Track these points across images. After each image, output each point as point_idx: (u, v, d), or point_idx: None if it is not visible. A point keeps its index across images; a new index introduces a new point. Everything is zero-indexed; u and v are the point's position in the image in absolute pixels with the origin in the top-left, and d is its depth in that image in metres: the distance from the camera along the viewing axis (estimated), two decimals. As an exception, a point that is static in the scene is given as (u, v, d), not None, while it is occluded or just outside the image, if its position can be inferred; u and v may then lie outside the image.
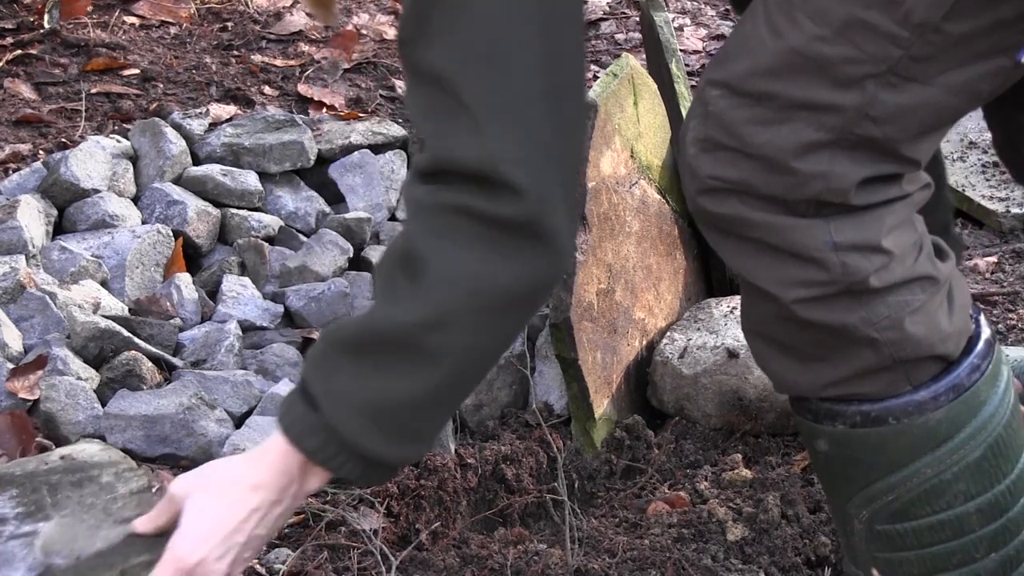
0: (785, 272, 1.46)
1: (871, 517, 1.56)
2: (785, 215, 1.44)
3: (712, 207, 1.47)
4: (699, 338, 2.36)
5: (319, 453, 1.44)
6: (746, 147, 1.44)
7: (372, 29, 3.61)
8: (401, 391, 1.41)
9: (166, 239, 2.65)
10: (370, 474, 1.47)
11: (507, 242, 1.36)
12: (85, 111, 3.08)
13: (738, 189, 1.45)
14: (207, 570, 1.48)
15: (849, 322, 1.47)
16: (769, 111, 1.42)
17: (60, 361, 2.26)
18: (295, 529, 2.07)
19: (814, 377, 1.52)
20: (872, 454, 1.54)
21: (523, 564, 1.96)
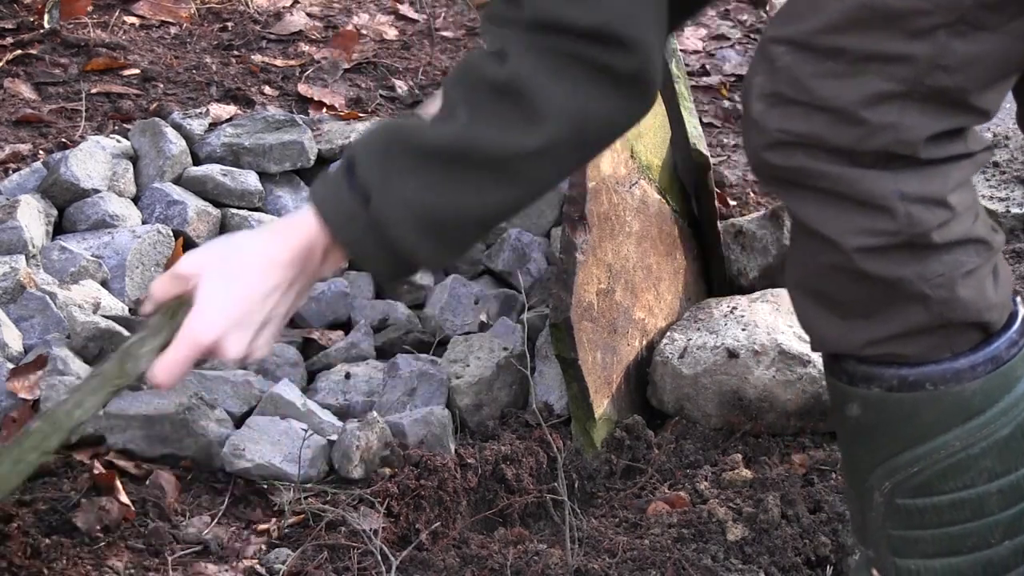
0: (851, 220, 1.47)
1: (893, 490, 1.57)
2: (852, 167, 1.46)
3: (778, 160, 1.48)
4: (699, 338, 2.36)
5: (356, 245, 1.46)
6: (816, 100, 1.45)
7: (372, 29, 3.61)
8: (474, 207, 1.46)
9: (166, 239, 2.65)
10: (395, 270, 1.50)
11: (616, 88, 1.44)
12: (85, 111, 3.08)
13: (806, 142, 1.46)
14: (225, 348, 1.48)
15: (904, 275, 1.48)
16: (840, 65, 1.44)
17: (60, 361, 2.26)
18: (295, 529, 2.07)
19: (857, 334, 1.53)
20: (903, 422, 1.54)
21: (523, 564, 1.96)
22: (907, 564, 1.60)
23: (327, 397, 2.36)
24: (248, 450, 2.16)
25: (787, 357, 2.28)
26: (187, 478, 2.17)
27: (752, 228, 2.64)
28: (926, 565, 1.59)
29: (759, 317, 2.36)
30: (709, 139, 3.19)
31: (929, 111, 1.44)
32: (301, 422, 2.22)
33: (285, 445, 2.17)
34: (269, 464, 2.15)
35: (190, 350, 1.48)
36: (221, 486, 2.15)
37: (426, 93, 3.31)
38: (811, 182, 1.48)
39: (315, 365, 2.47)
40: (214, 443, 2.19)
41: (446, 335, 2.52)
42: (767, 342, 2.30)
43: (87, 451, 2.19)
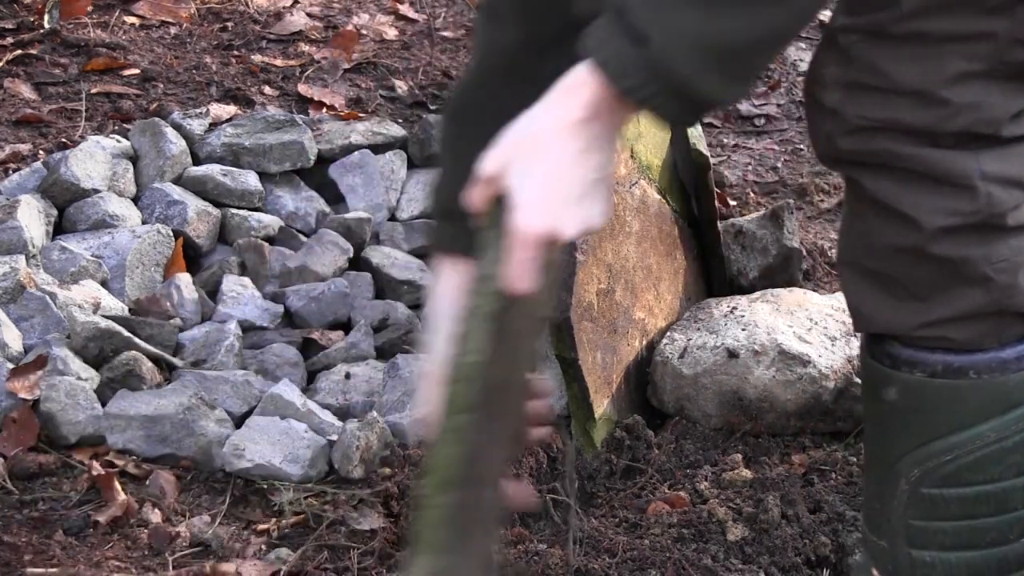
0: (931, 199, 1.47)
1: (921, 478, 1.56)
2: (934, 147, 1.45)
3: (857, 146, 1.48)
4: (699, 338, 2.36)
5: (638, 92, 1.38)
6: (896, 85, 1.44)
7: (372, 29, 3.61)
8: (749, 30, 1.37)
9: (166, 239, 2.65)
10: (686, 114, 1.43)
11: None
12: (85, 111, 3.08)
13: (887, 127, 1.46)
14: (561, 230, 1.39)
15: (971, 256, 1.47)
16: (919, 48, 1.43)
17: (60, 361, 2.26)
18: (295, 529, 2.07)
19: (910, 316, 1.52)
20: (942, 409, 1.54)
21: (523, 564, 1.96)
22: (923, 556, 1.60)
23: (327, 397, 2.36)
24: (248, 450, 2.16)
25: (787, 357, 2.28)
26: (187, 478, 2.17)
27: (752, 228, 2.64)
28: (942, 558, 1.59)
29: (759, 317, 2.36)
30: (709, 139, 3.19)
31: (1011, 89, 1.44)
32: (301, 422, 2.22)
33: (285, 445, 2.17)
34: (269, 464, 2.15)
35: (527, 249, 1.39)
36: (221, 486, 2.15)
37: (426, 93, 3.31)
38: (892, 162, 1.47)
39: (315, 365, 2.47)
40: (214, 443, 2.19)
41: (446, 335, 2.52)
42: (767, 342, 2.30)
43: (87, 451, 2.19)
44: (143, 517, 2.06)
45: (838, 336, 2.35)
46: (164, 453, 2.20)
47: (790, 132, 3.39)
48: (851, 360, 2.31)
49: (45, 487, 2.12)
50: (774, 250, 2.60)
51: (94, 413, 2.21)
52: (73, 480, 2.13)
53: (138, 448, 2.19)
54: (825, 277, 2.79)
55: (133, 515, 2.06)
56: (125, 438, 2.20)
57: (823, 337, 2.33)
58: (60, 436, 2.19)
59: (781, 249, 2.60)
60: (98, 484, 2.10)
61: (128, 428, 2.20)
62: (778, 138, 3.35)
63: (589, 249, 2.24)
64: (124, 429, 2.20)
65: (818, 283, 2.75)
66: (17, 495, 2.10)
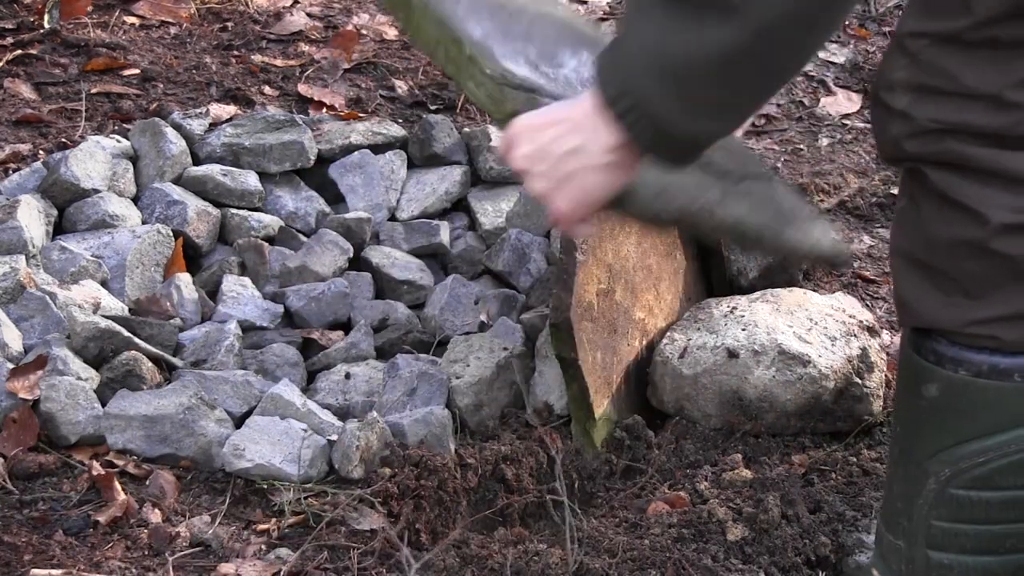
0: (999, 196, 1.47)
1: (950, 478, 1.56)
2: (1003, 149, 1.46)
3: (924, 148, 1.49)
4: (699, 338, 2.36)
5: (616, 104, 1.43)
6: (966, 89, 1.45)
7: (372, 29, 3.61)
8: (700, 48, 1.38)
9: (166, 239, 2.65)
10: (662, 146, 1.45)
11: None
12: (85, 111, 3.08)
13: (956, 129, 1.47)
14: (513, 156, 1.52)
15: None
16: (990, 53, 1.45)
17: (60, 361, 2.26)
18: (295, 529, 2.07)
19: (960, 313, 1.52)
20: (981, 410, 1.54)
21: (523, 564, 1.96)
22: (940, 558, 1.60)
23: (327, 397, 2.36)
24: (248, 450, 2.16)
25: (787, 357, 2.28)
26: (187, 478, 2.17)
27: (752, 228, 2.64)
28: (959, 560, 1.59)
29: (759, 317, 2.36)
30: (709, 139, 3.18)
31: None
32: (301, 422, 2.22)
33: (285, 445, 2.17)
34: (269, 464, 2.15)
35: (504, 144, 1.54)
36: (221, 486, 2.15)
37: (426, 93, 3.31)
38: (959, 162, 1.48)
39: (315, 365, 2.47)
40: (214, 443, 2.19)
41: (446, 335, 2.52)
42: (767, 342, 2.30)
43: (87, 451, 2.19)
44: (143, 517, 2.06)
45: (838, 336, 2.35)
46: (164, 453, 2.20)
47: (790, 132, 3.39)
48: (851, 360, 2.31)
49: (45, 487, 2.12)
50: (774, 250, 2.60)
51: (94, 413, 2.21)
52: (73, 480, 2.13)
53: (138, 448, 2.19)
54: (825, 277, 2.79)
55: (133, 515, 2.06)
56: (125, 438, 2.20)
57: (823, 337, 2.33)
58: (60, 436, 2.19)
59: (781, 249, 2.60)
60: (98, 484, 2.10)
61: (128, 428, 2.20)
62: (778, 138, 3.35)
63: (589, 249, 2.24)
64: (124, 429, 2.20)
65: (818, 283, 2.75)
66: (17, 495, 2.10)
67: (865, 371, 2.32)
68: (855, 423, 2.30)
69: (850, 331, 2.36)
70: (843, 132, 3.42)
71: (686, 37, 1.38)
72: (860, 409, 2.30)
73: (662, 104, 1.41)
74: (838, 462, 2.21)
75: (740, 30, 1.38)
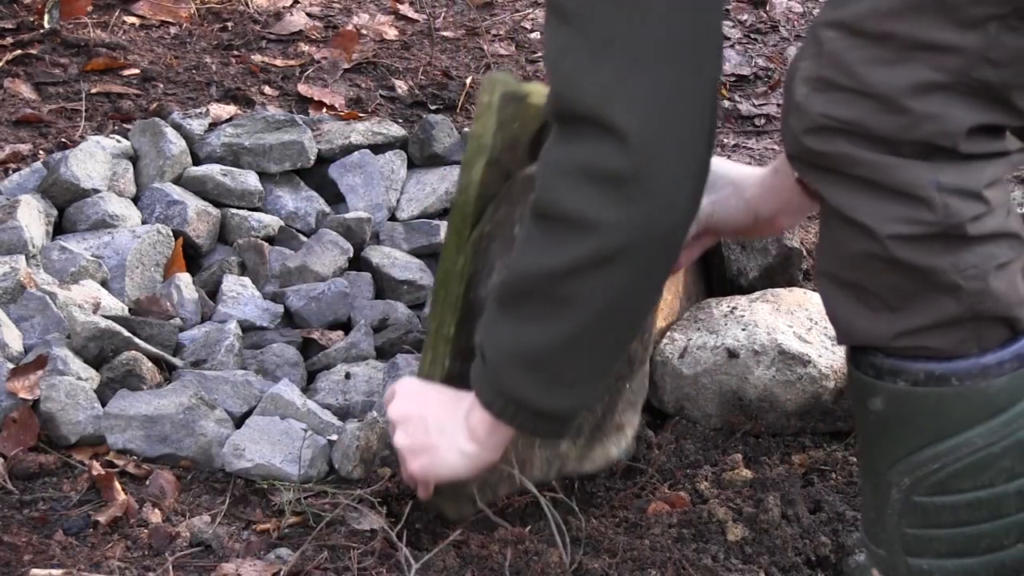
0: (887, 208, 1.48)
1: (912, 487, 1.57)
2: (892, 155, 1.46)
3: (818, 146, 1.49)
4: (699, 338, 2.36)
5: (493, 405, 1.63)
6: (862, 86, 1.45)
7: (372, 29, 3.61)
8: (545, 339, 1.57)
9: (166, 239, 2.65)
10: (543, 426, 1.64)
11: (620, 194, 1.47)
12: (85, 111, 3.08)
13: (848, 128, 1.47)
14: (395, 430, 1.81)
15: (938, 265, 1.48)
16: (888, 51, 1.44)
17: (60, 361, 2.26)
18: (295, 529, 2.07)
19: (887, 326, 1.53)
20: (927, 417, 1.55)
21: (523, 564, 1.96)
22: (919, 564, 1.60)
23: (327, 397, 2.36)
24: (248, 450, 2.16)
25: (787, 357, 2.28)
26: (187, 478, 2.17)
27: (752, 228, 2.64)
28: (939, 565, 1.59)
29: (759, 317, 2.36)
30: (709, 139, 3.18)
31: (972, 105, 1.45)
32: (301, 422, 2.22)
33: (285, 445, 2.17)
34: (269, 464, 2.15)
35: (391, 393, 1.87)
36: (221, 486, 2.15)
37: (426, 93, 3.31)
38: (849, 169, 1.48)
39: (315, 365, 2.47)
40: (214, 443, 2.19)
41: (446, 335, 2.52)
42: (767, 342, 2.30)
43: (87, 451, 2.19)
44: (143, 517, 2.06)
45: (838, 336, 2.35)
46: (164, 453, 2.20)
47: (790, 132, 3.38)
48: (851, 360, 2.31)
49: (45, 487, 2.12)
50: (774, 250, 2.60)
51: (94, 413, 2.21)
52: (73, 480, 2.13)
53: (138, 448, 2.19)
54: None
55: (133, 515, 2.06)
56: (125, 438, 2.20)
57: (823, 337, 2.33)
58: (60, 436, 2.19)
59: (781, 249, 2.59)
60: (98, 484, 2.10)
61: (128, 428, 2.20)
62: (778, 138, 3.35)
63: (589, 249, 2.24)
64: (124, 429, 2.20)
65: (818, 283, 2.75)
66: (17, 495, 2.10)
67: (865, 371, 2.32)
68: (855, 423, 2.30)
69: (850, 331, 2.36)
70: (843, 132, 3.42)
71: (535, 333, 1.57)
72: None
73: (532, 391, 1.61)
74: (838, 462, 2.21)
75: (573, 323, 1.56)
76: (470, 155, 1.88)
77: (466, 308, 1.89)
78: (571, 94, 1.48)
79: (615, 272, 1.53)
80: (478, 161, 1.86)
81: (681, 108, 1.48)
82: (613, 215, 1.49)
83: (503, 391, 1.62)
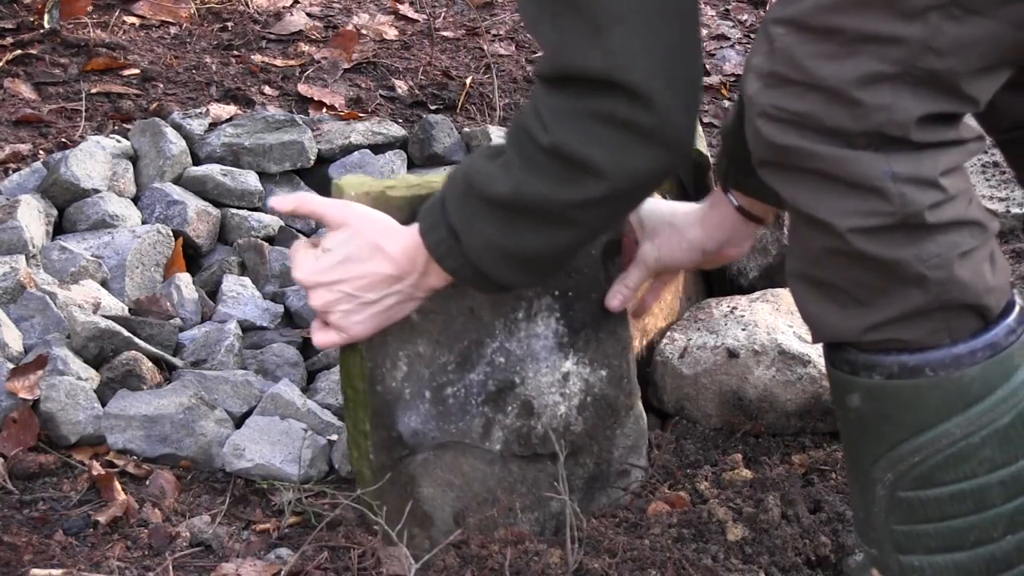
0: (844, 202, 1.49)
1: (895, 482, 1.57)
2: (845, 148, 1.48)
3: (773, 137, 1.50)
4: (699, 338, 2.36)
5: (458, 273, 1.78)
6: (811, 79, 1.48)
7: (372, 29, 3.61)
8: (538, 245, 1.73)
9: (166, 239, 2.65)
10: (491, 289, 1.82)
11: (639, 141, 1.62)
12: (85, 111, 3.08)
13: (800, 121, 1.49)
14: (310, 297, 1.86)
15: (901, 257, 1.49)
16: (835, 45, 1.47)
17: (60, 361, 2.26)
18: (295, 529, 2.07)
19: (856, 321, 1.54)
20: (904, 410, 1.55)
21: (523, 564, 1.96)
22: (911, 561, 1.60)
23: (327, 397, 2.36)
24: (248, 450, 2.16)
25: (787, 357, 2.28)
26: (187, 478, 2.17)
27: (752, 228, 2.64)
28: (929, 561, 1.60)
29: (759, 317, 2.36)
30: (709, 139, 3.19)
31: (921, 93, 1.47)
32: (301, 422, 2.22)
33: (285, 445, 2.18)
34: (269, 464, 2.15)
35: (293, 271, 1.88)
36: (221, 486, 2.15)
37: (426, 93, 3.31)
38: (804, 163, 1.49)
39: (315, 365, 2.47)
40: (214, 443, 2.19)
41: (446, 335, 2.52)
42: (767, 342, 2.30)
43: (87, 451, 2.19)
44: (143, 517, 2.06)
45: (838, 336, 2.35)
46: (164, 453, 2.20)
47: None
48: (851, 360, 2.31)
49: (45, 487, 2.12)
50: (774, 250, 2.60)
51: (94, 413, 2.21)
52: (73, 480, 2.13)
53: (138, 448, 2.19)
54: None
55: (133, 515, 2.06)
56: (125, 438, 2.20)
57: (823, 337, 2.33)
58: (60, 436, 2.19)
59: (781, 249, 2.59)
60: (98, 484, 2.10)
61: (128, 428, 2.20)
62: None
63: (589, 249, 2.24)
64: (124, 429, 2.20)
65: (818, 283, 2.75)
66: (17, 495, 2.09)
67: (865, 371, 2.32)
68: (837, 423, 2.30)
69: (850, 331, 2.36)
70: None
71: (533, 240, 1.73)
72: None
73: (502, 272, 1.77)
74: (838, 462, 2.21)
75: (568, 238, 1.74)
76: None
77: (377, 402, 1.95)
78: (573, 58, 1.60)
79: (620, 204, 1.73)
80: None
81: (687, 58, 1.63)
82: (631, 163, 1.63)
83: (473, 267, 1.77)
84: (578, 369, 2.09)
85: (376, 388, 1.94)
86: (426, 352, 1.97)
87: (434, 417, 1.98)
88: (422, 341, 1.96)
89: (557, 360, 2.07)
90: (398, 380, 1.95)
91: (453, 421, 2.00)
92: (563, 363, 2.08)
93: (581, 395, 2.10)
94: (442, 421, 1.99)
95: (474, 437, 2.02)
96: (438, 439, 1.99)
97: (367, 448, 1.96)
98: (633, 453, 2.16)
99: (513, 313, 2.02)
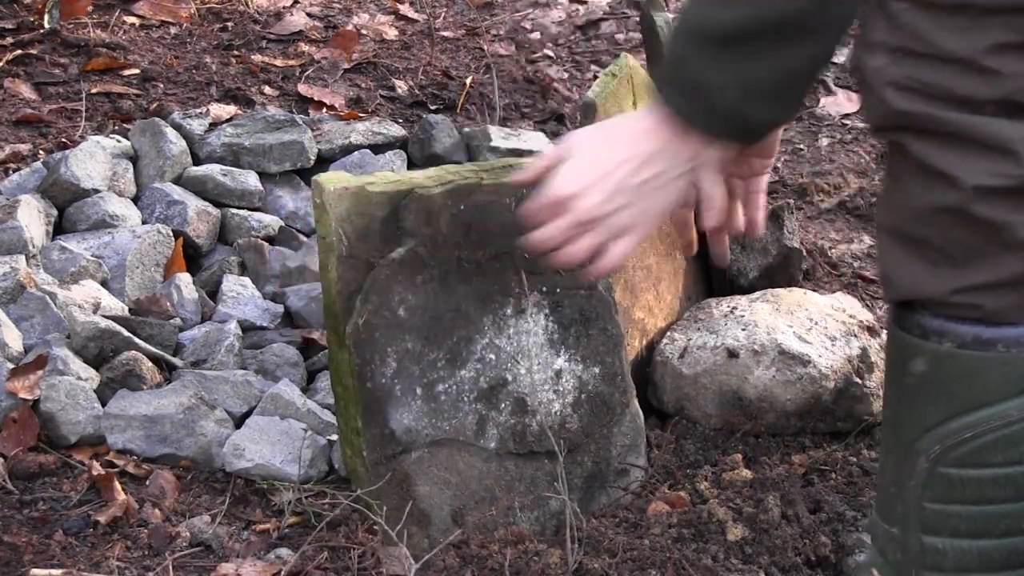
0: (974, 160, 1.49)
1: (939, 456, 1.57)
2: (976, 114, 1.48)
3: (901, 105, 1.51)
4: (699, 338, 2.36)
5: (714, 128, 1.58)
6: (941, 52, 1.48)
7: (372, 29, 3.61)
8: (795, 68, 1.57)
9: (166, 239, 2.65)
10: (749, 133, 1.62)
11: None
12: (85, 111, 3.08)
13: (929, 91, 1.49)
14: (581, 207, 1.58)
15: (1011, 221, 1.49)
16: (964, 19, 1.47)
17: (60, 361, 2.26)
18: (295, 529, 2.07)
19: (944, 281, 1.54)
20: (966, 383, 1.54)
21: (523, 564, 1.96)
22: (934, 543, 1.60)
23: (327, 397, 2.36)
24: (248, 450, 2.16)
25: (787, 357, 2.28)
26: (187, 478, 2.17)
27: (752, 228, 2.63)
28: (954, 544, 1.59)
29: (759, 317, 2.36)
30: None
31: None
32: (301, 422, 2.22)
33: (285, 445, 2.18)
34: (269, 464, 2.15)
35: (547, 200, 1.58)
36: (221, 486, 2.15)
37: (426, 93, 3.31)
38: (935, 127, 1.50)
39: (315, 365, 2.47)
40: (214, 443, 2.20)
41: (446, 335, 2.52)
42: (767, 342, 2.30)
43: (87, 451, 2.19)
44: (143, 517, 2.06)
45: (838, 336, 2.35)
46: (164, 453, 2.20)
47: (790, 132, 3.39)
48: (851, 360, 2.31)
49: (45, 487, 2.12)
50: (774, 250, 2.60)
51: (94, 413, 2.21)
52: (73, 480, 2.13)
53: (138, 448, 2.19)
54: (825, 277, 2.79)
55: (133, 515, 2.06)
56: (125, 438, 2.20)
57: (823, 337, 2.33)
58: (60, 436, 2.19)
59: (781, 249, 2.60)
60: (98, 484, 2.10)
61: (128, 428, 2.20)
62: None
63: (589, 249, 2.23)
64: (124, 429, 2.20)
65: (818, 283, 2.75)
66: (17, 495, 2.10)
67: (865, 371, 2.32)
68: (855, 423, 2.30)
69: (850, 331, 2.36)
70: (843, 132, 3.42)
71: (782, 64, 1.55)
72: (860, 409, 2.30)
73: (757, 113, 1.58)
74: (838, 462, 2.21)
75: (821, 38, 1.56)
76: (322, 256, 1.97)
77: (367, 398, 1.96)
78: None
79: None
80: (330, 260, 1.95)
81: None
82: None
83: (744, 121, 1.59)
84: (570, 366, 2.09)
85: (366, 385, 1.95)
86: (415, 348, 1.97)
87: (427, 414, 1.99)
88: (410, 337, 1.96)
89: (549, 357, 2.07)
90: (388, 376, 1.96)
91: (446, 418, 2.00)
92: (555, 360, 2.08)
93: (575, 392, 2.10)
94: (435, 418, 1.99)
95: (468, 434, 2.02)
96: (432, 436, 1.99)
97: (360, 445, 1.97)
98: (631, 452, 2.16)
99: (501, 310, 2.02)
